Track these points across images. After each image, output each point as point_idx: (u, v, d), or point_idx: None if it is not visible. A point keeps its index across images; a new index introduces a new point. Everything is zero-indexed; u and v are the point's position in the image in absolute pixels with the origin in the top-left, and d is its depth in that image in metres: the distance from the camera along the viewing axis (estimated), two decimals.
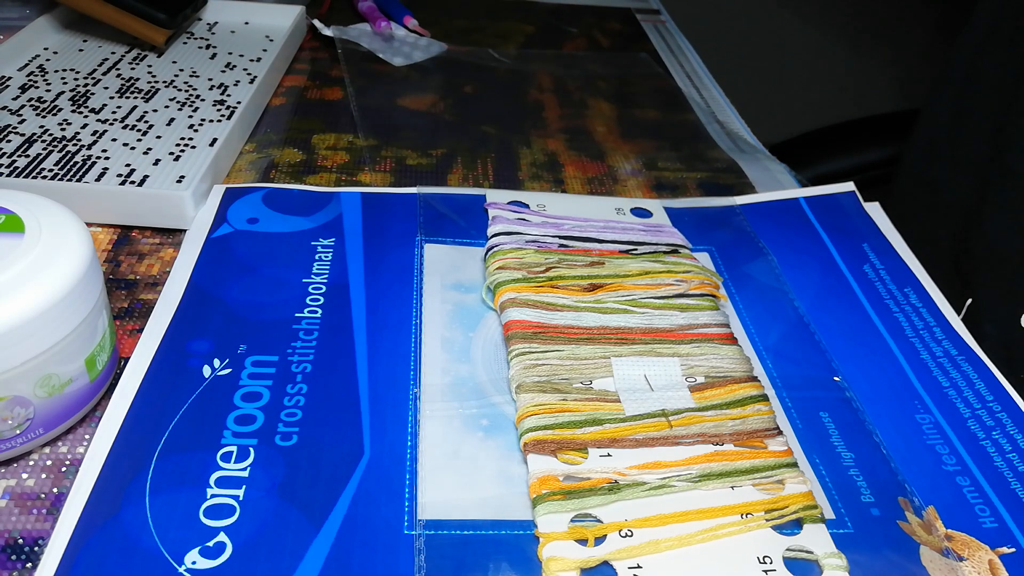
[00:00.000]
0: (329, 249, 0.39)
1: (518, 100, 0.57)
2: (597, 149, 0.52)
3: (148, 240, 0.39)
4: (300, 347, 0.33)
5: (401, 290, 0.37)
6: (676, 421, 0.31)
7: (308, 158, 0.47)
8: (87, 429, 0.30)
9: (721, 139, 0.55)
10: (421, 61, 0.61)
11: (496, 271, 0.37)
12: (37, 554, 0.26)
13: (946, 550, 0.28)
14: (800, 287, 0.40)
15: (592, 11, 0.74)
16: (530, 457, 0.29)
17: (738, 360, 0.34)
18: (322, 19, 0.63)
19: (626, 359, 0.33)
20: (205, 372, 0.32)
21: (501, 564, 0.26)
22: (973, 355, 0.37)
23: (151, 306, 0.35)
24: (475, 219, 0.42)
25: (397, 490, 0.28)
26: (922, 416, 0.34)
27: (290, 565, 0.25)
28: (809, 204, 0.46)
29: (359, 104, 0.53)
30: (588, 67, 0.63)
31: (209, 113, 0.48)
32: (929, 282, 0.41)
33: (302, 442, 0.30)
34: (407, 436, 0.30)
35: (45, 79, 0.50)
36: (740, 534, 0.27)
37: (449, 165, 0.48)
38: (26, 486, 0.28)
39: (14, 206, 0.28)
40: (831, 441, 0.32)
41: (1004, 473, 0.32)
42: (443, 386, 0.33)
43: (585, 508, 0.27)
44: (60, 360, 0.27)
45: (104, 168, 0.42)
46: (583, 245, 0.39)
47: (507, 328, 0.34)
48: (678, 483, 0.29)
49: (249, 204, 0.41)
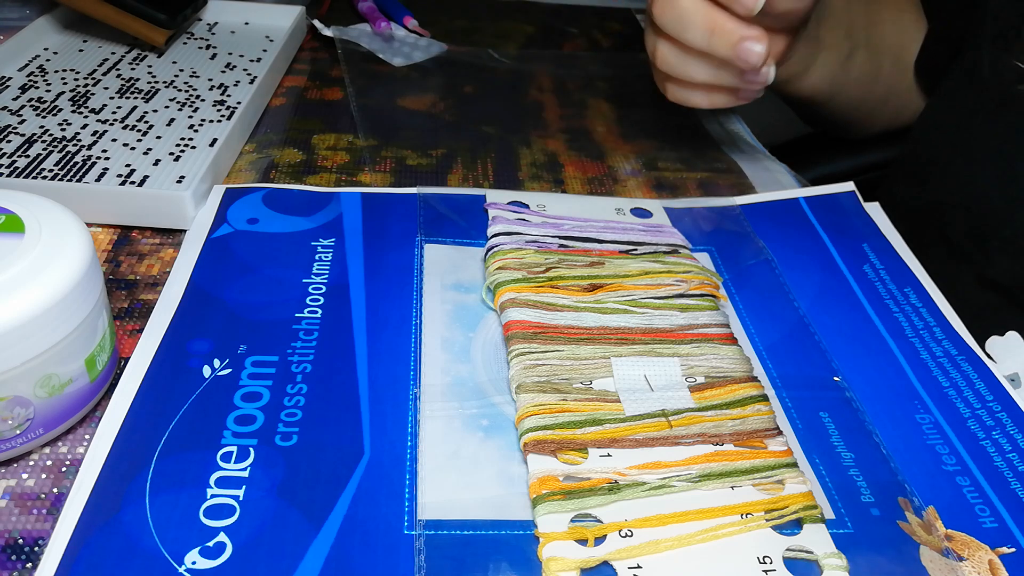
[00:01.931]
0: (329, 249, 0.39)
1: (518, 100, 0.57)
2: (597, 149, 0.52)
3: (148, 240, 0.39)
4: (300, 347, 0.33)
5: (401, 290, 0.37)
6: (676, 421, 0.31)
7: (308, 158, 0.47)
8: (87, 429, 0.30)
9: (721, 139, 0.55)
10: (421, 61, 0.61)
11: (496, 271, 0.37)
12: (37, 554, 0.26)
13: (946, 550, 0.28)
14: (800, 287, 0.40)
15: (592, 11, 0.74)
16: (530, 457, 0.29)
17: (738, 360, 0.34)
18: (322, 19, 0.63)
19: (626, 359, 0.33)
20: (205, 372, 0.32)
21: (501, 564, 0.26)
22: (973, 355, 0.37)
23: (151, 306, 0.35)
24: (475, 219, 0.42)
25: (397, 490, 0.28)
26: (922, 416, 0.34)
27: (290, 565, 0.26)
28: (809, 204, 0.46)
29: (359, 104, 0.53)
30: (588, 67, 0.63)
31: (209, 113, 0.48)
32: (929, 282, 0.41)
33: (302, 442, 0.30)
34: (407, 436, 0.30)
35: (45, 79, 0.50)
36: (740, 534, 0.27)
37: (449, 165, 0.48)
38: (26, 486, 0.28)
39: (14, 206, 0.28)
40: (831, 441, 0.32)
41: (1004, 473, 0.32)
42: (443, 386, 0.33)
43: (585, 508, 0.27)
44: (60, 360, 0.27)
45: (104, 168, 0.42)
46: (583, 245, 0.39)
47: (507, 328, 0.34)
48: (678, 483, 0.29)
49: (249, 204, 0.41)
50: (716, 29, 0.40)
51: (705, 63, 0.43)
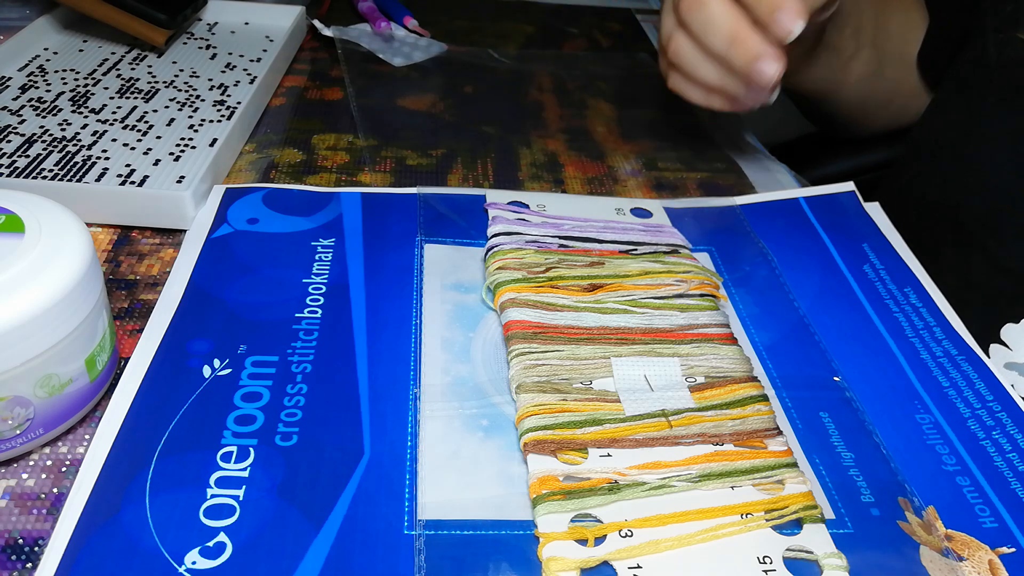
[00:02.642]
0: (329, 249, 0.39)
1: (518, 100, 0.57)
2: (597, 149, 0.52)
3: (148, 240, 0.39)
4: (300, 347, 0.33)
5: (401, 290, 0.37)
6: (676, 421, 0.31)
7: (308, 158, 0.47)
8: (87, 429, 0.30)
9: (721, 139, 0.55)
10: (421, 61, 0.61)
11: (496, 271, 0.37)
12: (37, 554, 0.26)
13: (946, 550, 0.28)
14: (800, 287, 0.40)
15: (592, 11, 0.74)
16: (530, 457, 0.29)
17: (738, 360, 0.34)
18: (322, 19, 0.63)
19: (626, 359, 0.33)
20: (205, 372, 0.32)
21: (501, 564, 0.26)
22: (973, 355, 0.37)
23: (151, 306, 0.35)
24: (475, 219, 0.42)
25: (397, 490, 0.28)
26: (922, 416, 0.34)
27: (290, 565, 0.25)
28: (809, 204, 0.46)
29: (359, 104, 0.53)
30: (588, 67, 0.63)
31: (209, 113, 0.48)
32: (929, 282, 0.41)
33: (302, 442, 0.30)
34: (407, 436, 0.30)
35: (45, 79, 0.50)
36: (740, 534, 0.27)
37: (449, 165, 0.48)
38: (26, 486, 0.28)
39: (14, 206, 0.28)
40: (831, 441, 0.32)
41: (1004, 473, 0.32)
42: (443, 386, 0.33)
43: (585, 508, 0.27)
44: (60, 360, 0.27)
45: (104, 168, 0.42)
46: (583, 245, 0.39)
47: (507, 328, 0.34)
48: (678, 483, 0.29)
49: (249, 204, 0.41)
50: (738, 40, 0.40)
51: (717, 67, 0.42)
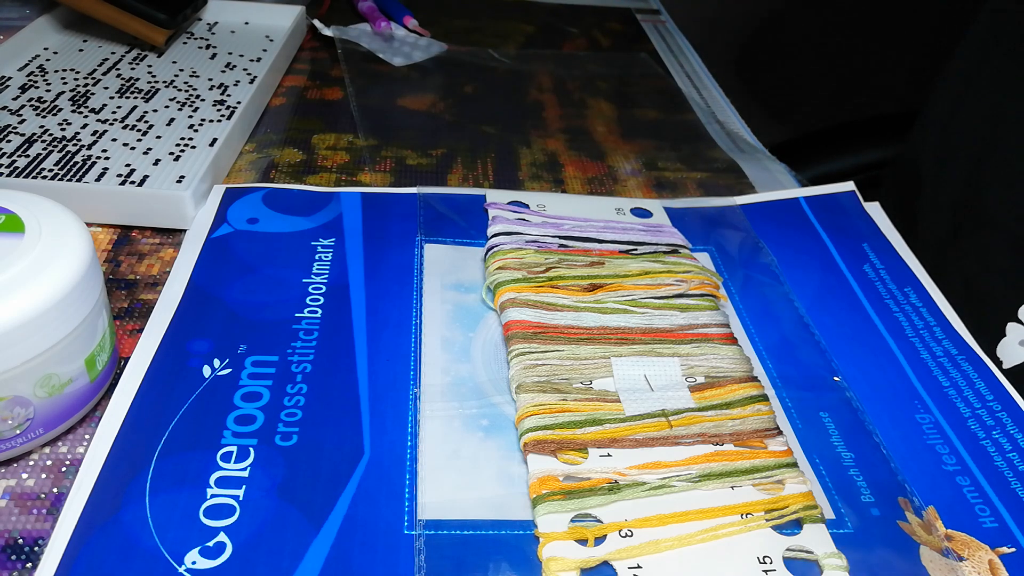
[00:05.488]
0: (329, 249, 0.39)
1: (518, 100, 0.57)
2: (597, 149, 0.52)
3: (148, 240, 0.39)
4: (300, 347, 0.33)
5: (401, 290, 0.37)
6: (676, 421, 0.31)
7: (308, 158, 0.47)
8: (87, 429, 0.30)
9: (721, 139, 0.55)
10: (421, 61, 0.61)
11: (496, 271, 0.37)
12: (37, 554, 0.26)
13: (946, 550, 0.28)
14: (800, 287, 0.40)
15: (592, 11, 0.74)
16: (530, 457, 0.29)
17: (738, 360, 0.34)
18: (322, 19, 0.63)
19: (626, 359, 0.33)
20: (205, 372, 0.32)
21: (501, 564, 0.26)
22: (973, 355, 0.37)
23: (151, 306, 0.35)
24: (475, 219, 0.42)
25: (397, 490, 0.28)
26: (922, 416, 0.34)
27: (290, 565, 0.25)
28: (809, 204, 0.46)
29: (359, 104, 0.53)
30: (588, 67, 0.63)
31: (209, 113, 0.48)
32: (929, 282, 0.41)
33: (302, 442, 0.30)
34: (407, 436, 0.30)
35: (45, 79, 0.50)
36: (740, 534, 0.27)
37: (449, 165, 0.48)
38: (26, 486, 0.28)
39: (14, 206, 0.28)
40: (831, 441, 0.32)
41: (1004, 473, 0.32)
42: (443, 386, 0.33)
43: (585, 508, 0.27)
44: (60, 360, 0.27)
45: (104, 168, 0.42)
46: (583, 245, 0.39)
47: (507, 328, 0.34)
48: (678, 483, 0.29)
49: (249, 204, 0.41)
50: None
51: None
